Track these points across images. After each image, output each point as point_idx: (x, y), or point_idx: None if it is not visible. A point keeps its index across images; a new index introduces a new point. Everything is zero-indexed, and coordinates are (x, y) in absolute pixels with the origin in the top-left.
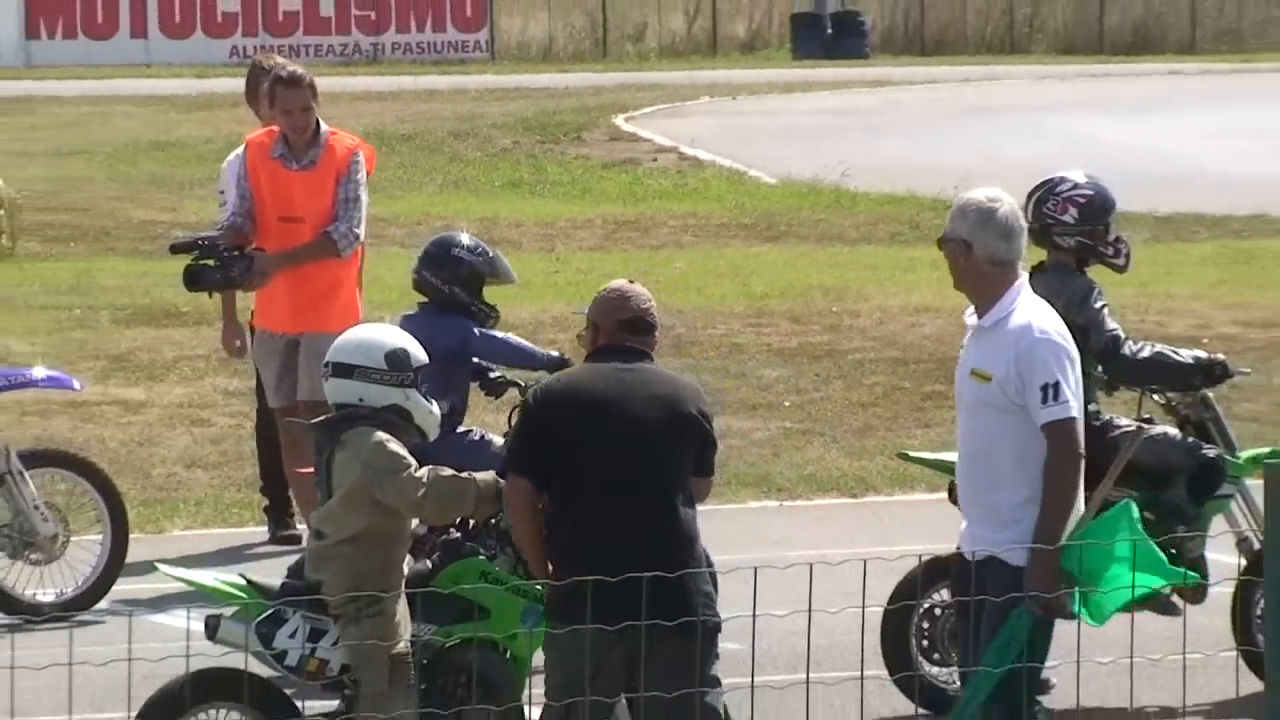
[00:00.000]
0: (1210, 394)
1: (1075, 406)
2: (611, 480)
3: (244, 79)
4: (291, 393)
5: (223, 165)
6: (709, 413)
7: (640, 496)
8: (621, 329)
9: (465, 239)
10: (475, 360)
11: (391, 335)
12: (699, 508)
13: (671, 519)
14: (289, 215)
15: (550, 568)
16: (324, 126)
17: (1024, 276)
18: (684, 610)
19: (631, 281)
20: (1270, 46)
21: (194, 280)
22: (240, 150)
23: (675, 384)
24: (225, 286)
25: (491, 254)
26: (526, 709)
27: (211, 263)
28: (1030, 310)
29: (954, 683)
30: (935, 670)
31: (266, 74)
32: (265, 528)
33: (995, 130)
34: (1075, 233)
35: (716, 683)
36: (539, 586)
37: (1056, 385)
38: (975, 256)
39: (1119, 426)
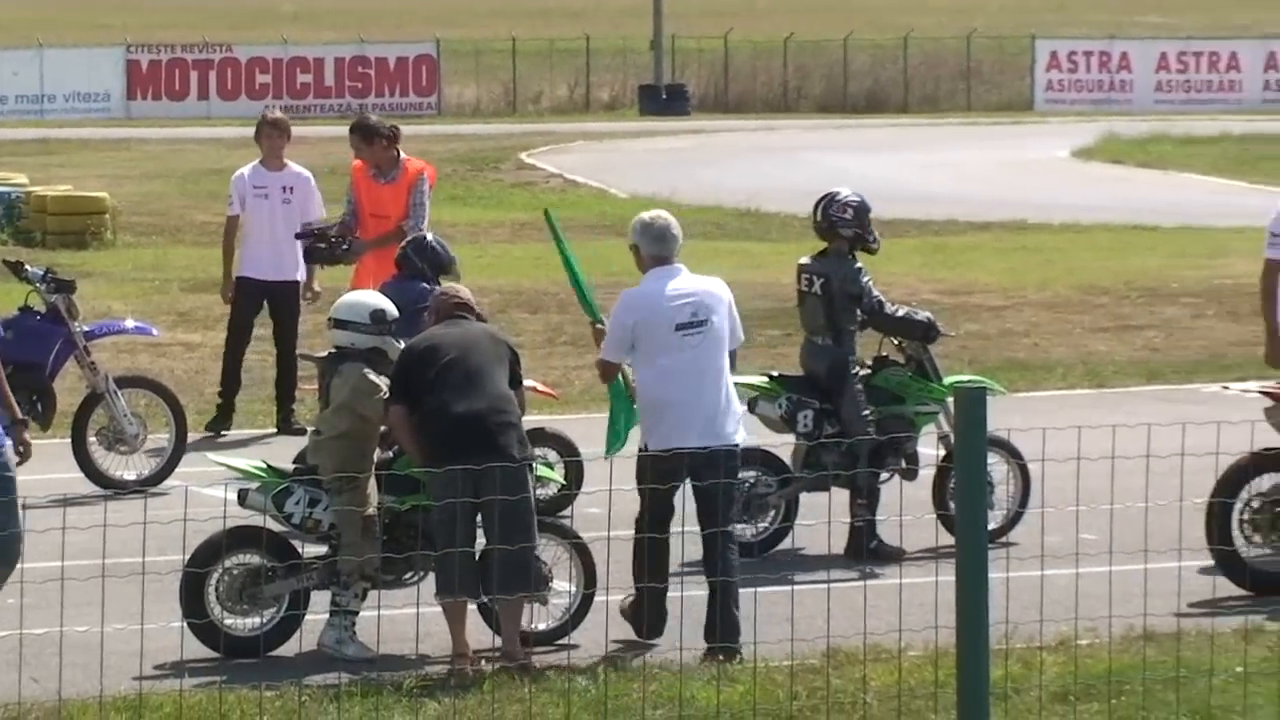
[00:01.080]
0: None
1: (608, 351)
2: (464, 382)
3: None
4: None
5: (233, 178)
6: (513, 344)
7: (481, 389)
8: (453, 310)
9: (431, 237)
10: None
11: (374, 299)
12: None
13: (502, 403)
14: (379, 214)
15: (427, 451)
16: (403, 155)
17: (677, 265)
18: (510, 452)
19: (458, 284)
20: (957, 108)
21: (310, 256)
22: (243, 170)
23: (489, 328)
24: (331, 261)
25: (453, 254)
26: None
27: (323, 245)
28: (646, 284)
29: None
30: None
31: (265, 122)
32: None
33: (774, 163)
34: (852, 226)
35: (529, 494)
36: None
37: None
38: (641, 254)
39: (858, 363)
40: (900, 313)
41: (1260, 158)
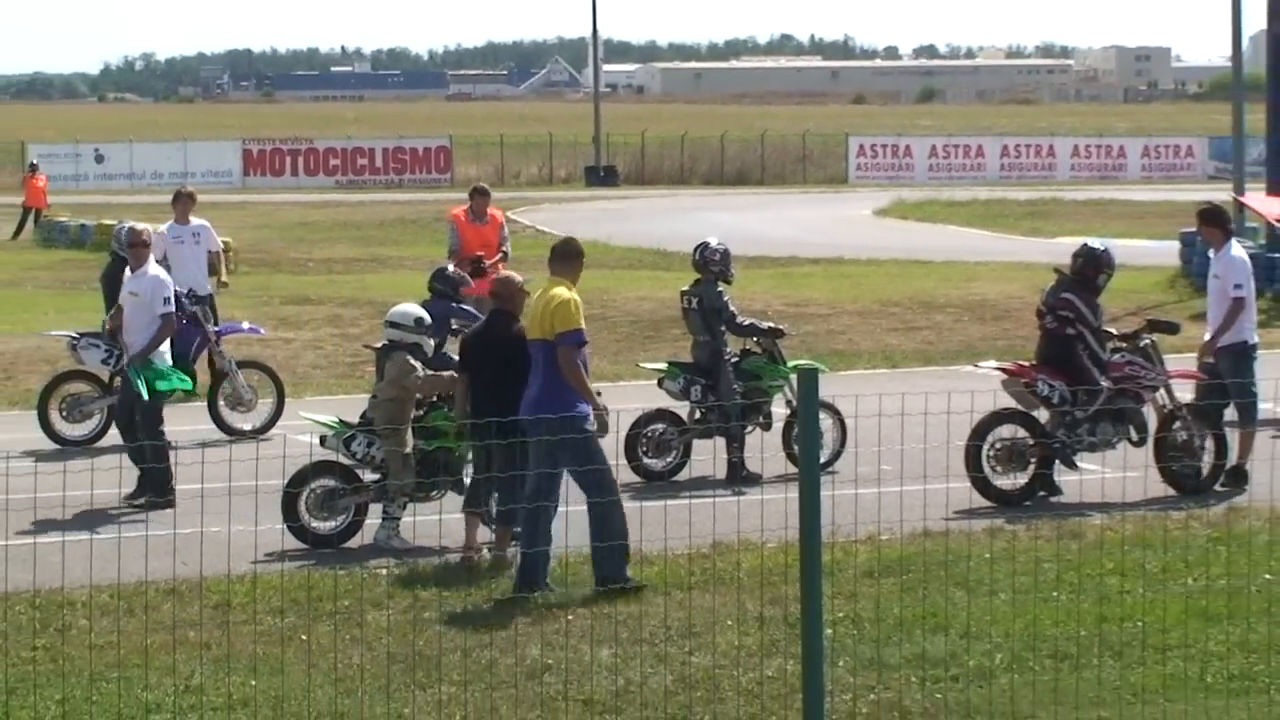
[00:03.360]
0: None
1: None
2: (497, 370)
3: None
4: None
5: (155, 234)
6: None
7: (517, 374)
8: (517, 300)
9: (451, 268)
10: (452, 321)
11: (417, 310)
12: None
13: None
14: (482, 245)
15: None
16: (491, 207)
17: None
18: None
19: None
20: (796, 182)
21: (473, 275)
22: (161, 227)
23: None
24: (482, 275)
25: (468, 280)
26: (466, 480)
27: (482, 266)
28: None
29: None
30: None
31: (183, 194)
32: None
33: (675, 217)
34: (719, 265)
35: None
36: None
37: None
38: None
39: (729, 355)
40: (746, 322)
41: (998, 215)
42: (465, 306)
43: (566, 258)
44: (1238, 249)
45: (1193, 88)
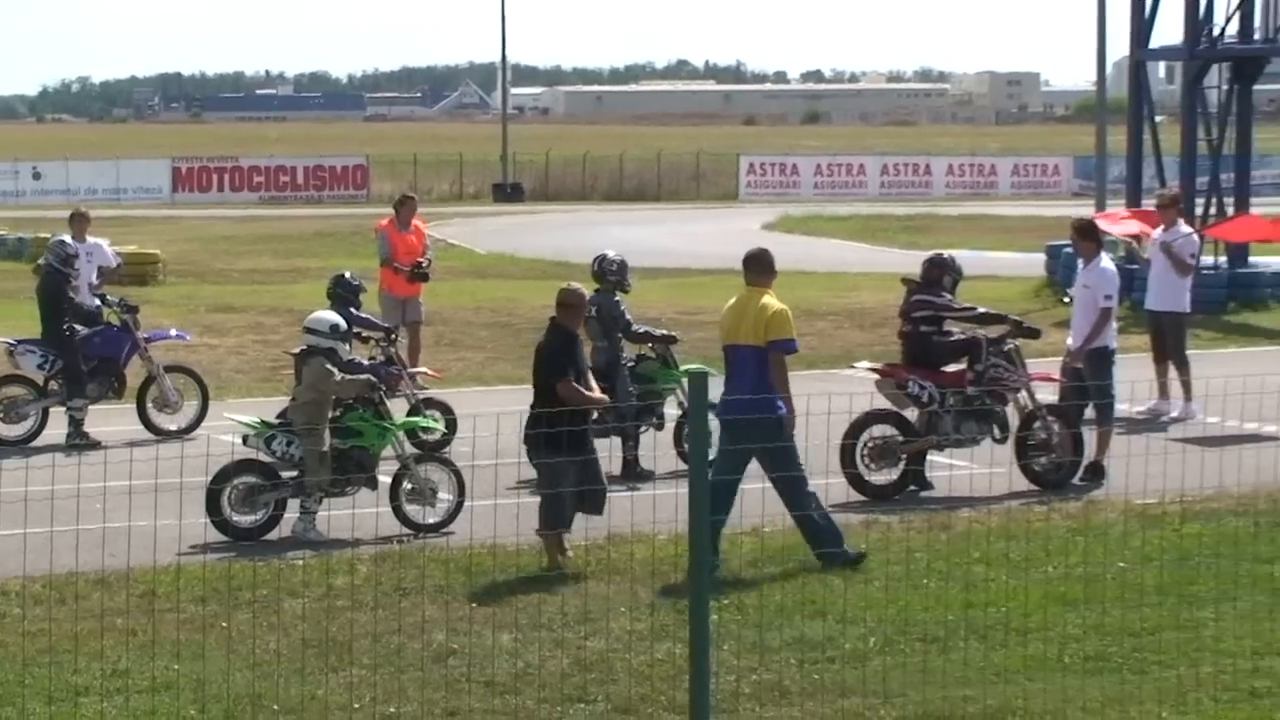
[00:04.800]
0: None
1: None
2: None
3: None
4: (401, 320)
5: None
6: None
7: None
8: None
9: (349, 274)
10: (356, 328)
11: (332, 316)
12: None
13: None
14: (410, 252)
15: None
16: (416, 219)
17: None
18: None
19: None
20: (690, 198)
21: (415, 277)
22: (103, 241)
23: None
24: (426, 279)
25: (364, 287)
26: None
27: (422, 271)
28: None
29: None
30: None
31: (77, 214)
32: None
33: (577, 231)
34: (615, 275)
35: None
36: (387, 425)
37: None
38: None
39: (626, 359)
40: (641, 329)
41: (878, 229)
42: (364, 315)
43: (766, 269)
44: (1107, 261)
45: (1060, 110)
